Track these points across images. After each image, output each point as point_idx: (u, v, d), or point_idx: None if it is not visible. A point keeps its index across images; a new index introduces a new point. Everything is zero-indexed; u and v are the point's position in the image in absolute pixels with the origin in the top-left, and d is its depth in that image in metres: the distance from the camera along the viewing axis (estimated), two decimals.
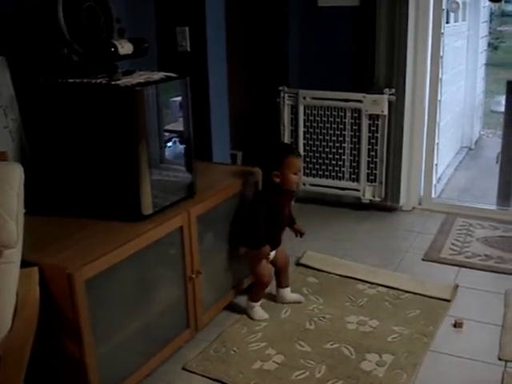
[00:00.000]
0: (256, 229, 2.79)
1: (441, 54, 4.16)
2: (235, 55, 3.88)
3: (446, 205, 4.33)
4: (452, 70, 5.52)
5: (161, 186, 2.43)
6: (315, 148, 4.21)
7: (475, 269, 3.38)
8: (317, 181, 4.26)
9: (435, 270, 3.40)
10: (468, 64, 6.29)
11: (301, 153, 3.97)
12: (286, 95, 4.23)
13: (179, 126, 2.57)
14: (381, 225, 4.05)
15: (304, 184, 4.26)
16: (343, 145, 4.14)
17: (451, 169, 5.67)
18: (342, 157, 4.15)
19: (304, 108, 4.19)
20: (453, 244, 3.70)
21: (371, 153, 4.08)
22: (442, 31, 4.20)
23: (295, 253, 3.50)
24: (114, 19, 2.59)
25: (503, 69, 9.42)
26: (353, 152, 4.13)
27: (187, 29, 3.26)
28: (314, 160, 4.24)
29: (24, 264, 1.93)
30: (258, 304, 2.93)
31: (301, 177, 2.83)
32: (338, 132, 4.13)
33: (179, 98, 2.53)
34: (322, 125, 4.16)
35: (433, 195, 4.41)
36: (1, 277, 1.84)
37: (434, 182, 4.53)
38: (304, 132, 4.22)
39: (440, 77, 4.29)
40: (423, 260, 3.52)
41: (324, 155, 4.19)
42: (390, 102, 3.96)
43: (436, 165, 4.54)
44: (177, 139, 2.57)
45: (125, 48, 2.37)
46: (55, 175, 2.45)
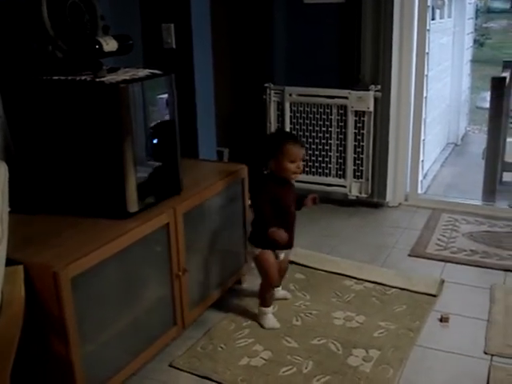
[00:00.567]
0: (262, 213, 2.67)
1: (426, 51, 4.19)
2: (221, 52, 3.88)
3: (432, 201, 4.35)
4: (438, 67, 5.54)
5: (146, 184, 2.43)
6: None
7: (461, 264, 3.41)
8: (303, 177, 4.23)
9: (421, 266, 3.41)
10: (454, 60, 6.32)
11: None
12: (272, 92, 4.23)
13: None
14: (367, 221, 4.06)
15: None
16: (329, 141, 4.15)
17: (438, 165, 5.69)
18: (329, 153, 4.16)
19: (290, 105, 4.20)
20: (439, 239, 3.72)
21: (357, 149, 4.09)
22: (428, 28, 4.23)
23: None
24: (99, 16, 2.58)
25: (489, 65, 9.48)
26: (339, 148, 4.14)
27: (173, 25, 3.25)
28: None
29: (9, 262, 1.92)
30: (271, 310, 2.85)
31: (300, 167, 2.66)
32: (325, 129, 4.14)
33: (166, 95, 2.53)
34: (309, 121, 4.17)
35: (419, 191, 4.43)
36: None
37: (421, 178, 4.55)
38: (290, 129, 4.23)
39: (426, 73, 4.31)
40: (409, 255, 3.54)
41: (310, 152, 4.20)
42: (376, 99, 3.98)
43: (422, 161, 4.57)
44: (163, 136, 2.56)
45: (109, 45, 2.37)
46: (40, 173, 2.44)
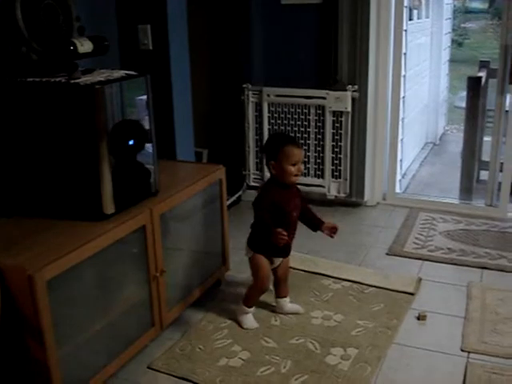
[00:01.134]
0: (262, 217, 2.65)
1: (404, 51, 4.21)
2: (198, 53, 3.88)
3: (410, 199, 4.38)
4: (416, 67, 5.57)
5: (123, 185, 2.42)
6: None
7: (438, 262, 3.44)
8: None
9: (399, 264, 3.44)
10: (432, 60, 6.36)
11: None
12: (250, 93, 4.24)
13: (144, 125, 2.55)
14: (346, 220, 4.08)
15: None
16: (308, 141, 4.16)
17: (416, 164, 5.72)
18: (307, 153, 4.17)
19: (268, 105, 4.21)
20: (416, 238, 3.75)
21: (335, 149, 4.11)
22: (405, 28, 4.25)
23: None
24: (74, 17, 2.57)
25: (467, 65, 9.56)
26: (317, 148, 4.16)
27: (149, 27, 3.24)
28: None
29: None
30: (251, 310, 2.84)
31: (301, 169, 2.67)
32: (303, 129, 4.16)
33: (145, 97, 2.52)
34: (287, 122, 4.19)
35: (398, 190, 4.45)
36: None
37: (399, 178, 4.58)
38: (269, 129, 4.24)
39: (403, 73, 4.35)
40: (387, 254, 3.57)
41: None
42: (354, 99, 4.00)
43: (401, 160, 4.60)
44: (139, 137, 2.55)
45: (84, 46, 2.36)
46: (16, 175, 2.42)
